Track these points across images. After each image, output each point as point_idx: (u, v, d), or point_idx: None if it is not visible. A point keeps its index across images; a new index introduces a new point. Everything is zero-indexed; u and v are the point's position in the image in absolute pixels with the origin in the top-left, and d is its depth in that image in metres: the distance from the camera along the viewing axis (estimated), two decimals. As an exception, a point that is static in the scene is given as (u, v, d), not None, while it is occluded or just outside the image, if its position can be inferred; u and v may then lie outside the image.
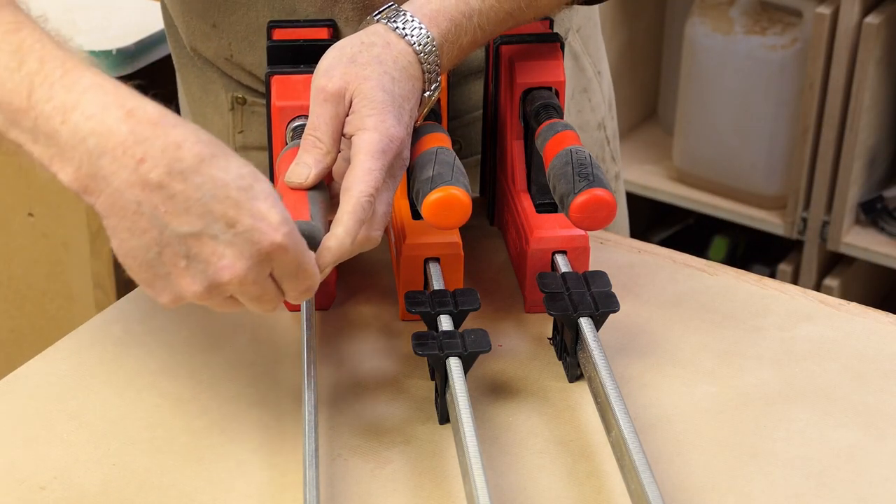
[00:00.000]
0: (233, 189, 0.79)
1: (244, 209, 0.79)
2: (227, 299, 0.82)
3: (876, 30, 2.08)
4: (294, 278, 0.82)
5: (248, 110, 1.18)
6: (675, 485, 0.87)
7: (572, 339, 0.95)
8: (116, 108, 0.78)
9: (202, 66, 1.19)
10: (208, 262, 0.79)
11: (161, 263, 0.79)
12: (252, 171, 0.81)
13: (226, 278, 0.79)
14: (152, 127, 0.78)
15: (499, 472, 0.88)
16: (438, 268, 0.99)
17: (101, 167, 0.78)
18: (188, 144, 0.78)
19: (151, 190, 0.77)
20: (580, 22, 1.25)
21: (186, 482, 0.87)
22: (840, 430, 0.92)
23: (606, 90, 1.30)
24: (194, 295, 0.80)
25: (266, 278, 0.81)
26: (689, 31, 2.26)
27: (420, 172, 0.93)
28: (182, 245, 0.78)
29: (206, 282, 0.80)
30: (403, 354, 0.98)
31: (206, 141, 0.80)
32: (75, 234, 1.88)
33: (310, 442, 0.84)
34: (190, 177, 0.78)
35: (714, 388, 0.96)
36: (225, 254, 0.79)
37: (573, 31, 1.23)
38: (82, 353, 0.99)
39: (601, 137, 1.29)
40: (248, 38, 1.12)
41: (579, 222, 0.93)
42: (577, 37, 1.24)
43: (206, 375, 0.96)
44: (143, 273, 0.80)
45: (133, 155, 0.77)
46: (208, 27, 1.14)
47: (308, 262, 0.82)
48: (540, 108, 1.02)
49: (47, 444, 0.90)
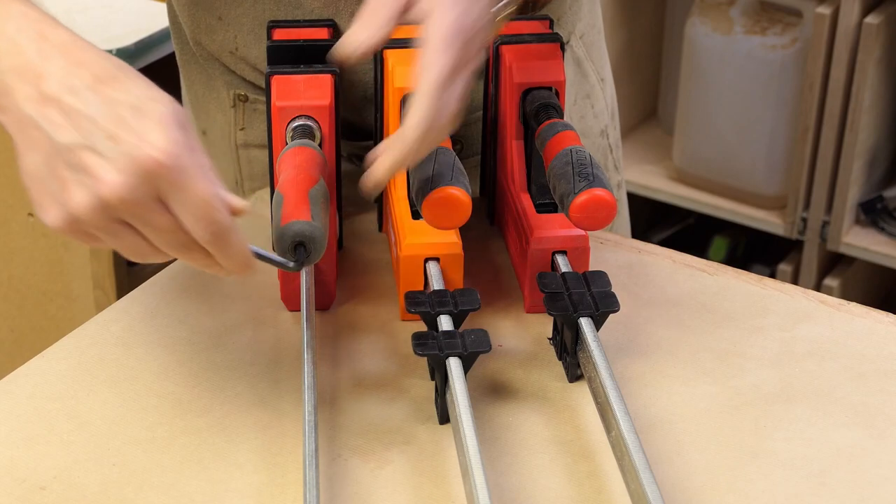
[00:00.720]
0: (125, 107, 0.79)
1: (130, 126, 0.78)
2: (125, 228, 0.81)
3: (876, 30, 2.08)
4: (184, 207, 0.79)
5: (250, 108, 1.19)
6: (675, 485, 0.87)
7: (572, 339, 0.95)
8: (32, 31, 0.82)
9: (205, 63, 1.19)
10: (90, 173, 0.78)
11: (51, 178, 0.80)
12: (155, 97, 0.80)
13: (107, 192, 0.78)
14: (60, 48, 0.81)
15: (499, 472, 0.88)
16: (438, 268, 0.99)
17: (7, 84, 0.81)
18: (90, 64, 0.80)
19: (46, 104, 0.79)
20: (583, 29, 1.25)
21: (186, 482, 0.87)
22: (840, 430, 0.92)
23: (609, 98, 1.30)
24: (81, 209, 0.79)
25: (153, 202, 0.79)
26: (689, 31, 2.26)
27: (420, 172, 0.93)
28: (67, 155, 0.79)
29: (89, 195, 0.79)
30: (403, 354, 0.98)
31: (115, 65, 0.81)
32: (75, 234, 1.88)
33: (310, 442, 0.84)
34: (83, 93, 0.79)
35: (714, 388, 0.96)
36: (105, 167, 0.78)
37: (576, 36, 1.24)
38: (82, 353, 0.99)
39: (604, 145, 1.29)
40: (254, 31, 1.13)
41: (579, 222, 0.93)
42: (580, 43, 1.24)
43: (206, 375, 0.96)
44: (36, 190, 0.81)
45: (34, 70, 0.80)
46: (214, 20, 1.14)
47: (202, 191, 0.79)
48: (540, 108, 1.02)
49: (47, 443, 0.90)
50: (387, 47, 1.04)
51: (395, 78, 1.03)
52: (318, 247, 0.86)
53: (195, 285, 1.06)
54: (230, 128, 1.20)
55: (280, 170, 0.94)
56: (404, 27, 1.09)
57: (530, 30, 1.08)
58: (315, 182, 0.91)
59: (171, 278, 1.07)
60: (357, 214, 1.15)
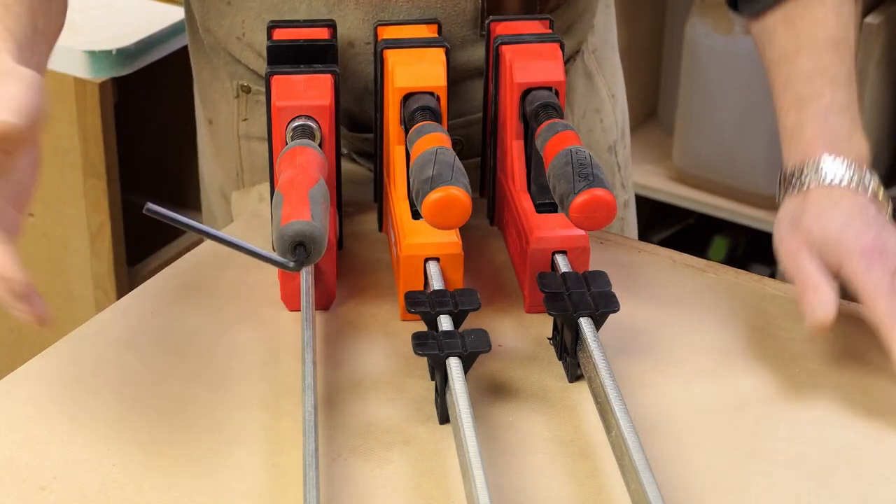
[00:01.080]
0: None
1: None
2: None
3: (876, 30, 2.08)
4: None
5: (252, 99, 1.19)
6: (675, 485, 0.87)
7: (572, 339, 0.95)
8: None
9: (211, 52, 1.21)
10: None
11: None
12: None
13: None
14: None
15: (499, 472, 0.88)
16: (438, 268, 0.99)
17: None
18: None
19: None
20: (596, 43, 1.25)
21: (186, 482, 0.87)
22: (840, 430, 0.92)
23: (620, 116, 1.31)
24: None
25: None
26: (689, 31, 2.26)
27: (420, 172, 0.93)
28: None
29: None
30: (403, 354, 0.98)
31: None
32: (75, 234, 1.88)
33: (310, 442, 0.83)
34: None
35: (714, 388, 0.96)
36: None
37: (588, 50, 1.24)
38: (82, 353, 0.99)
39: (612, 162, 1.29)
40: (261, 15, 1.14)
41: (579, 222, 0.93)
42: (591, 57, 1.25)
43: (206, 375, 0.96)
44: None
45: None
46: (223, 4, 1.16)
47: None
48: (540, 108, 1.02)
49: (47, 444, 0.90)
50: (387, 47, 1.04)
51: (396, 78, 1.03)
52: (318, 247, 0.86)
53: (195, 285, 1.06)
54: (233, 118, 1.22)
55: (280, 170, 0.94)
56: (404, 27, 1.09)
57: (530, 30, 1.08)
58: (315, 182, 0.91)
59: (171, 278, 1.07)
60: (357, 214, 1.15)
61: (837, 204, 0.99)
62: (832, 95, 1.03)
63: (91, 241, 1.87)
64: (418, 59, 1.04)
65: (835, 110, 1.03)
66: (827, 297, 0.95)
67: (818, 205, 1.00)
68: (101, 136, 1.78)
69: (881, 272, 0.95)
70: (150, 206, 0.80)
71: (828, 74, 1.04)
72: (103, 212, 1.84)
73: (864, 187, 1.00)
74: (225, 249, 0.85)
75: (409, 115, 1.02)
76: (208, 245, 1.09)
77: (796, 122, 1.05)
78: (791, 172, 1.03)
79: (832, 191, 1.00)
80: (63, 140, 1.80)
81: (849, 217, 0.98)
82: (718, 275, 1.09)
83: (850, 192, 1.00)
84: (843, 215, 0.98)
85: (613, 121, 1.29)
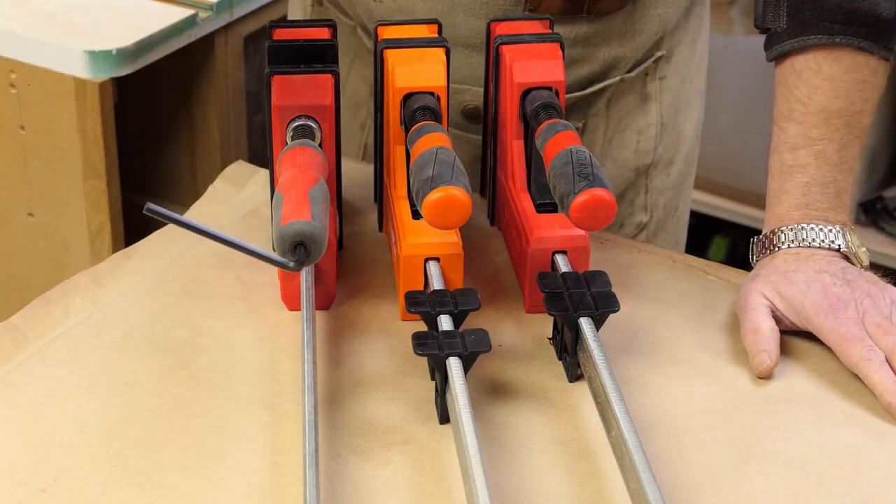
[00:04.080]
0: None
1: None
2: None
3: (876, 30, 2.08)
4: None
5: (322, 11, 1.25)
6: (675, 485, 0.87)
7: (572, 339, 0.95)
8: None
9: None
10: None
11: None
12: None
13: None
14: None
15: (499, 472, 0.88)
16: (438, 268, 0.99)
17: None
18: None
19: None
20: (667, 73, 1.25)
21: (186, 483, 0.87)
22: (840, 430, 0.92)
23: (670, 149, 1.30)
24: None
25: None
26: (689, 30, 2.26)
27: (420, 172, 0.93)
28: None
29: None
30: (403, 354, 0.98)
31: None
32: (75, 234, 1.88)
33: (310, 442, 0.83)
34: None
35: (714, 388, 0.96)
36: None
37: (655, 76, 1.24)
38: (82, 354, 0.99)
39: (640, 183, 1.29)
40: None
41: (579, 222, 0.93)
42: (656, 83, 1.24)
43: (206, 376, 0.96)
44: None
45: None
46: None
47: None
48: (540, 108, 1.02)
49: (47, 446, 0.90)
50: (387, 47, 1.04)
51: (396, 78, 1.03)
52: (318, 247, 0.86)
53: (195, 286, 1.06)
54: None
55: (280, 170, 0.94)
56: (405, 27, 1.09)
57: (530, 30, 1.08)
58: (315, 182, 0.91)
59: (171, 278, 1.07)
60: (357, 214, 1.15)
61: (805, 262, 1.01)
62: (816, 170, 1.05)
63: (91, 241, 1.87)
64: (418, 59, 1.04)
65: (817, 185, 1.05)
66: (769, 345, 0.97)
67: (784, 266, 1.02)
68: (101, 136, 1.78)
69: (849, 322, 0.97)
70: (150, 206, 0.80)
71: (815, 146, 1.05)
72: (103, 212, 1.84)
73: (836, 248, 1.03)
74: (225, 249, 0.85)
75: (409, 115, 1.02)
76: (208, 245, 1.09)
77: (778, 188, 1.06)
78: (765, 235, 1.05)
79: (799, 252, 1.02)
80: (63, 140, 1.79)
81: (816, 273, 1.00)
82: (718, 275, 1.09)
83: (818, 252, 1.02)
84: (806, 275, 1.00)
85: (653, 147, 1.29)
